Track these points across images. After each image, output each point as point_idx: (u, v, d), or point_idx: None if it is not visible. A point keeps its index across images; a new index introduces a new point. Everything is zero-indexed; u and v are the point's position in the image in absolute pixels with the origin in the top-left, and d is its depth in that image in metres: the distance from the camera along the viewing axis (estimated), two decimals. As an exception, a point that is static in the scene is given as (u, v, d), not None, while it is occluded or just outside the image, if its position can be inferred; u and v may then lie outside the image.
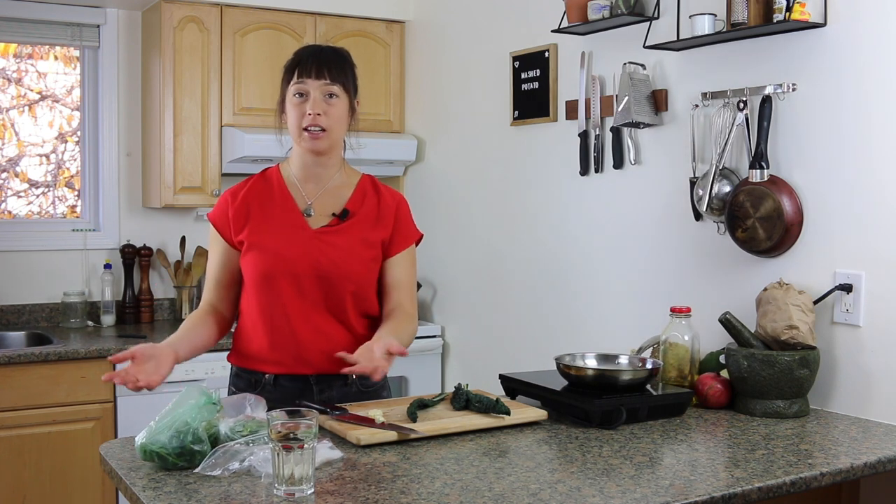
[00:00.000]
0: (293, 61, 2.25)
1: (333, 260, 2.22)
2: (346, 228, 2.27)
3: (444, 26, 3.98)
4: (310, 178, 2.30)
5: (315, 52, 2.25)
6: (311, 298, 2.22)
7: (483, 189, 3.73)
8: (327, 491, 1.66)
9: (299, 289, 2.21)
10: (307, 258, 2.21)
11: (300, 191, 2.29)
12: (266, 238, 2.24)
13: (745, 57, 2.62)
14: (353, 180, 2.34)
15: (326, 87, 2.20)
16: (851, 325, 2.37)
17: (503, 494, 1.66)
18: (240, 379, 2.32)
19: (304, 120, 2.20)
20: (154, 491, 1.65)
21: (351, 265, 2.23)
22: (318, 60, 2.22)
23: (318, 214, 2.27)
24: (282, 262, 2.21)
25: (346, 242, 2.25)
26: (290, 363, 2.24)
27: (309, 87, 2.20)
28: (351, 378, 2.28)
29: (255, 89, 3.91)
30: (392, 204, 2.33)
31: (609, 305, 3.14)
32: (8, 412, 3.24)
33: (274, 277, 2.21)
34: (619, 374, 2.26)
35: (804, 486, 1.82)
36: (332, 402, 2.23)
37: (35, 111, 4.05)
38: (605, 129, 3.13)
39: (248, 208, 2.27)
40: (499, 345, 3.64)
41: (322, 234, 2.25)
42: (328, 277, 2.22)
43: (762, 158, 2.50)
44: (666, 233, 2.90)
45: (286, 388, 2.25)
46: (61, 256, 3.94)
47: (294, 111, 2.23)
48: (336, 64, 2.24)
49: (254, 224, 2.25)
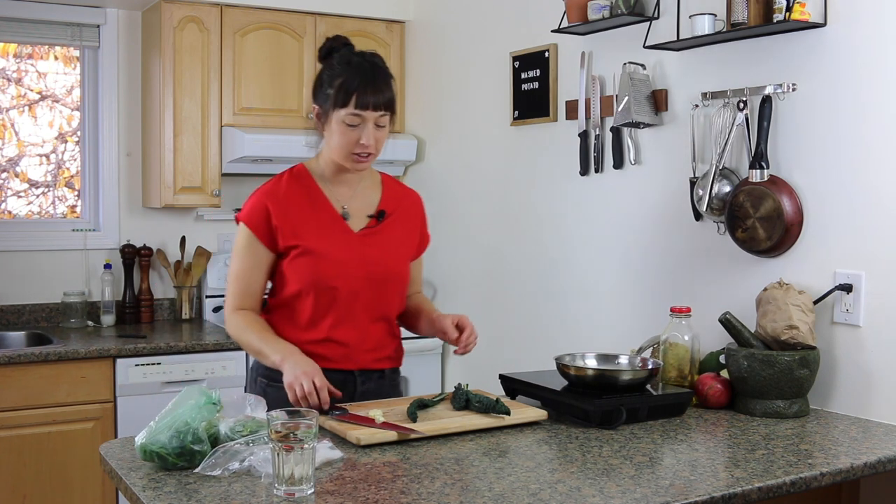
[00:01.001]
0: (348, 85, 2.19)
1: (380, 262, 2.30)
2: (384, 229, 2.34)
3: (444, 26, 3.98)
4: (342, 181, 2.34)
5: (370, 80, 2.20)
6: (361, 300, 2.28)
7: (483, 189, 3.73)
8: (327, 491, 1.66)
9: (351, 291, 2.27)
10: (357, 262, 2.27)
11: (333, 192, 2.33)
12: (318, 244, 2.26)
13: (745, 57, 2.62)
14: (376, 180, 2.41)
15: (381, 118, 2.22)
16: (851, 325, 2.37)
17: (503, 494, 1.66)
18: (276, 371, 2.28)
19: (356, 147, 2.21)
20: (154, 491, 1.65)
21: (396, 265, 2.34)
22: (376, 91, 2.19)
23: (355, 217, 2.33)
24: (336, 266, 2.26)
25: (387, 243, 2.33)
26: (337, 359, 2.30)
27: (365, 118, 2.19)
28: (385, 373, 2.39)
29: (255, 89, 3.91)
30: (416, 206, 2.45)
31: (609, 305, 3.14)
32: (8, 412, 3.24)
33: (328, 282, 2.25)
34: (619, 374, 2.26)
35: (804, 486, 1.82)
36: (370, 395, 2.32)
37: (35, 111, 4.06)
38: (605, 129, 3.13)
39: (291, 212, 2.28)
40: (499, 345, 3.63)
41: (365, 237, 2.31)
42: (378, 279, 2.29)
43: (762, 158, 2.50)
44: (666, 233, 2.90)
45: (331, 379, 2.24)
46: (61, 256, 3.94)
47: (346, 135, 2.21)
48: (389, 90, 2.23)
49: (302, 230, 2.27)
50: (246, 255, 2.30)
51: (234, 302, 2.31)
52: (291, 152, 3.81)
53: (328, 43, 2.30)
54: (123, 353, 3.41)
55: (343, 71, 2.21)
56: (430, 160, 4.09)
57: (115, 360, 3.41)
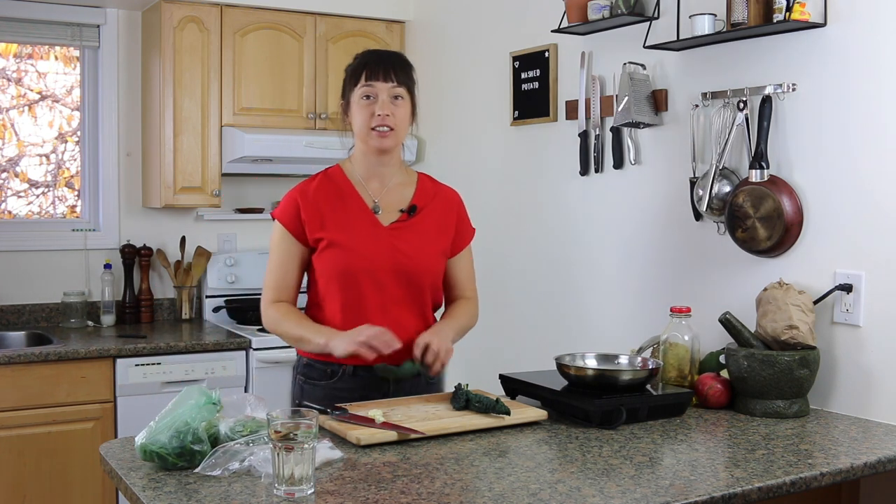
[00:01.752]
0: (359, 64, 2.33)
1: (409, 255, 2.32)
2: (416, 223, 2.37)
3: (444, 26, 3.98)
4: (374, 177, 2.38)
5: (381, 56, 2.35)
6: (389, 293, 2.31)
7: (483, 189, 3.73)
8: (327, 491, 1.66)
9: (379, 284, 2.30)
10: (385, 254, 2.30)
11: (365, 189, 2.37)
12: (344, 236, 2.30)
13: (745, 57, 2.62)
14: (412, 178, 2.45)
15: (394, 89, 2.30)
16: (851, 325, 2.37)
17: (503, 494, 1.66)
18: (312, 369, 2.38)
19: (372, 120, 2.29)
20: (154, 491, 1.65)
21: (426, 259, 2.36)
22: (385, 63, 2.31)
23: (386, 211, 2.36)
24: (362, 258, 2.29)
25: (417, 237, 2.35)
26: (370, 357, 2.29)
27: (377, 89, 2.28)
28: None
29: (255, 89, 3.91)
30: (452, 202, 2.47)
31: (609, 305, 3.14)
32: (8, 412, 3.24)
33: (355, 274, 2.29)
34: (619, 374, 2.26)
35: (804, 486, 1.82)
36: (403, 392, 2.33)
37: (35, 111, 4.06)
38: (605, 129, 3.13)
39: (320, 207, 2.33)
40: (499, 345, 3.63)
41: (394, 230, 2.34)
42: (407, 272, 2.32)
43: (762, 158, 2.50)
44: (666, 233, 2.90)
45: (364, 378, 2.32)
46: (61, 256, 3.94)
47: (362, 112, 2.30)
48: (402, 67, 2.33)
49: (329, 222, 2.32)
50: (279, 249, 2.36)
51: (269, 295, 2.36)
52: (291, 152, 3.82)
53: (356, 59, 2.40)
54: (123, 353, 3.41)
55: (360, 57, 2.35)
56: (430, 160, 4.09)
57: (115, 360, 3.41)
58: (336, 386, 2.33)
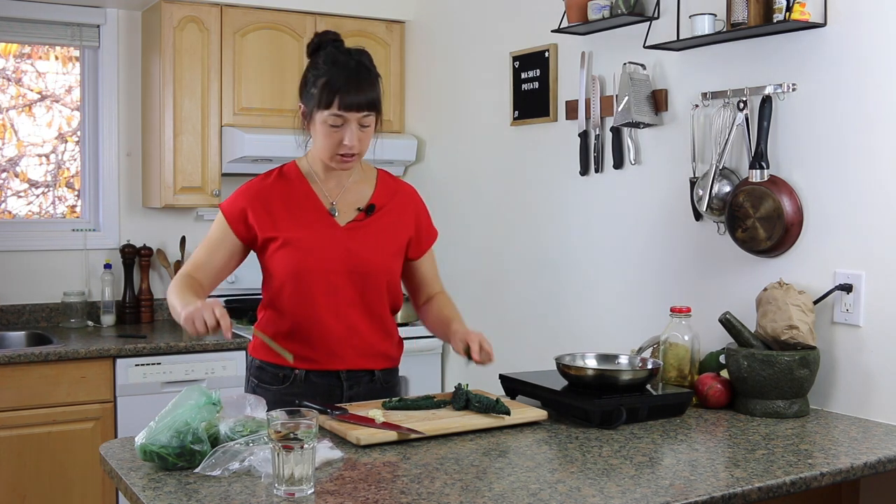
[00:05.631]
0: (330, 84, 2.15)
1: (364, 256, 2.27)
2: (373, 223, 2.31)
3: (444, 26, 3.98)
4: (331, 177, 2.32)
5: (354, 81, 2.16)
6: (343, 294, 2.25)
7: (483, 189, 3.73)
8: (327, 491, 1.66)
9: (332, 285, 2.24)
10: (340, 255, 2.25)
11: (322, 189, 2.31)
12: (298, 236, 2.24)
13: (745, 57, 2.62)
14: (370, 175, 2.38)
15: (364, 118, 2.18)
16: (851, 325, 2.37)
17: (503, 494, 1.66)
18: (264, 372, 2.32)
19: (339, 147, 2.19)
20: (154, 491, 1.65)
21: (383, 258, 2.30)
22: (358, 90, 2.15)
23: (342, 211, 2.30)
24: (315, 259, 2.23)
25: (374, 237, 2.30)
26: (322, 359, 2.27)
27: (348, 119, 2.17)
28: (375, 375, 2.34)
29: (255, 89, 3.91)
30: (411, 199, 2.41)
31: (609, 305, 3.14)
32: (8, 412, 3.24)
33: (307, 275, 2.23)
34: (619, 374, 2.26)
35: (804, 486, 1.82)
36: (359, 398, 2.29)
37: (34, 111, 4.05)
38: (605, 129, 3.13)
39: (271, 206, 2.27)
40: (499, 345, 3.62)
41: (350, 230, 2.28)
42: (362, 272, 2.26)
43: (762, 158, 2.50)
44: (666, 233, 2.90)
45: (316, 384, 2.28)
46: (61, 256, 3.94)
47: (330, 138, 2.19)
48: (374, 90, 2.19)
49: (283, 222, 2.26)
50: (215, 234, 2.30)
51: (186, 268, 2.27)
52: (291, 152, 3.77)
53: (316, 38, 2.27)
54: (123, 353, 3.41)
55: (327, 71, 2.18)
56: (430, 160, 4.09)
57: (115, 360, 3.41)
58: (288, 391, 2.27)
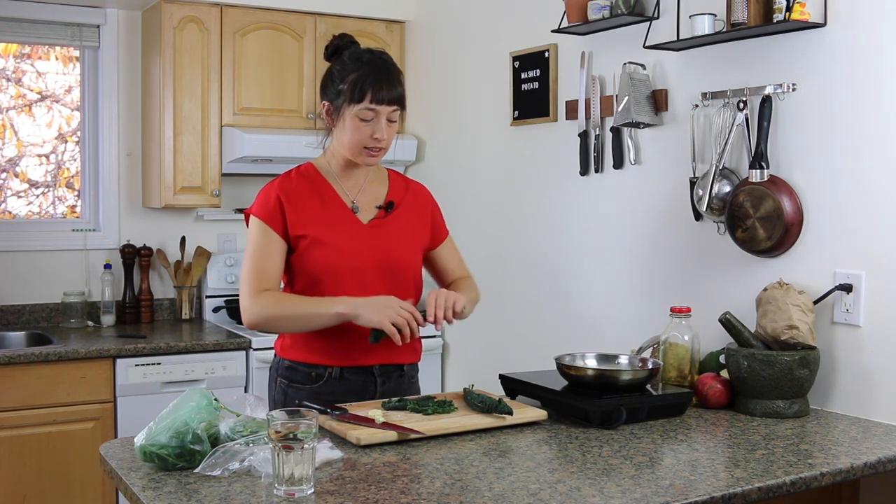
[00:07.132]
0: (362, 80, 2.21)
1: (391, 250, 2.31)
2: (394, 219, 2.36)
3: (444, 26, 3.98)
4: (350, 177, 2.36)
5: (385, 75, 2.23)
6: (374, 290, 2.26)
7: (483, 189, 3.73)
8: (327, 491, 1.66)
9: (363, 282, 2.27)
10: (368, 251, 2.29)
11: (342, 187, 2.35)
12: (326, 234, 2.27)
13: (745, 57, 2.62)
14: (382, 175, 2.43)
15: (393, 113, 2.25)
16: (851, 325, 2.37)
17: (503, 494, 1.66)
18: (296, 373, 2.32)
19: (369, 141, 2.24)
20: (154, 491, 1.65)
21: (408, 253, 2.35)
22: (389, 85, 2.23)
23: (364, 209, 2.34)
24: (346, 256, 2.27)
25: (397, 232, 2.35)
26: (356, 355, 2.29)
27: (379, 112, 2.23)
28: (405, 369, 2.38)
29: (255, 89, 3.91)
30: (425, 197, 2.47)
31: (609, 305, 3.14)
32: (8, 412, 3.24)
33: (339, 272, 2.26)
34: (619, 374, 2.26)
35: (804, 486, 1.82)
36: (392, 393, 2.32)
37: (34, 111, 4.05)
38: (605, 129, 3.13)
39: (298, 204, 2.29)
40: (499, 345, 3.63)
41: (374, 227, 2.33)
42: (390, 268, 2.30)
43: (762, 158, 2.50)
44: (666, 233, 2.90)
45: (351, 380, 2.30)
46: (61, 256, 3.94)
47: (359, 131, 2.24)
48: (401, 85, 2.27)
49: (309, 221, 2.28)
50: (259, 241, 2.25)
51: (253, 285, 2.22)
52: (291, 152, 3.82)
53: (335, 41, 2.34)
54: (123, 354, 3.41)
55: (356, 67, 2.24)
56: (430, 160, 4.09)
57: (115, 360, 3.41)
58: (321, 390, 2.28)
